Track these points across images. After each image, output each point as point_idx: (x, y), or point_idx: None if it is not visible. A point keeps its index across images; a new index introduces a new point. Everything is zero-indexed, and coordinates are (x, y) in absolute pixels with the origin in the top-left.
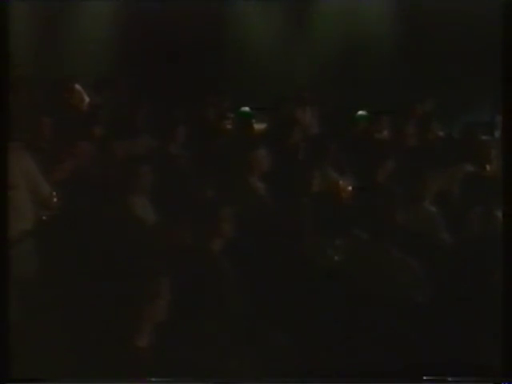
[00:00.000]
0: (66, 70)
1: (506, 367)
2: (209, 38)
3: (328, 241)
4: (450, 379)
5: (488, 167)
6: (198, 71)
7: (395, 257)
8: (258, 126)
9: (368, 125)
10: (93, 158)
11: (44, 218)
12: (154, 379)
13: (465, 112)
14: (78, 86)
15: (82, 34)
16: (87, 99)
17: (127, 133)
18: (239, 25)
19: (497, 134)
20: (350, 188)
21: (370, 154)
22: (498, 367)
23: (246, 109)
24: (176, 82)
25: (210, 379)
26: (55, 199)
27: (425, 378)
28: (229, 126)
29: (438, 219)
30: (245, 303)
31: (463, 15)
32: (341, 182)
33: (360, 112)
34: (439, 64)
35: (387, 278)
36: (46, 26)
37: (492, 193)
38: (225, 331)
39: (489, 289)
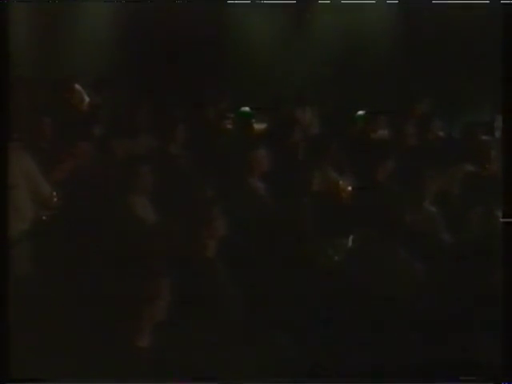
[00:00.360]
0: (66, 70)
1: (506, 367)
2: (209, 37)
3: (328, 241)
4: (449, 379)
5: (488, 167)
6: (198, 71)
7: (395, 256)
8: (258, 126)
9: (368, 125)
10: (93, 158)
11: (44, 217)
12: (153, 379)
13: (465, 112)
14: (78, 86)
15: (81, 34)
16: (87, 99)
17: (127, 132)
18: (239, 25)
19: (497, 134)
20: (349, 188)
21: (369, 153)
22: (498, 367)
23: (246, 109)
24: (176, 82)
25: (210, 379)
26: (55, 199)
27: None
28: (229, 126)
29: (438, 219)
30: (245, 303)
31: (463, 15)
32: (341, 182)
33: (360, 112)
34: (439, 64)
35: (387, 277)
36: (45, 26)
37: (492, 193)
38: (225, 331)
39: (489, 289)
